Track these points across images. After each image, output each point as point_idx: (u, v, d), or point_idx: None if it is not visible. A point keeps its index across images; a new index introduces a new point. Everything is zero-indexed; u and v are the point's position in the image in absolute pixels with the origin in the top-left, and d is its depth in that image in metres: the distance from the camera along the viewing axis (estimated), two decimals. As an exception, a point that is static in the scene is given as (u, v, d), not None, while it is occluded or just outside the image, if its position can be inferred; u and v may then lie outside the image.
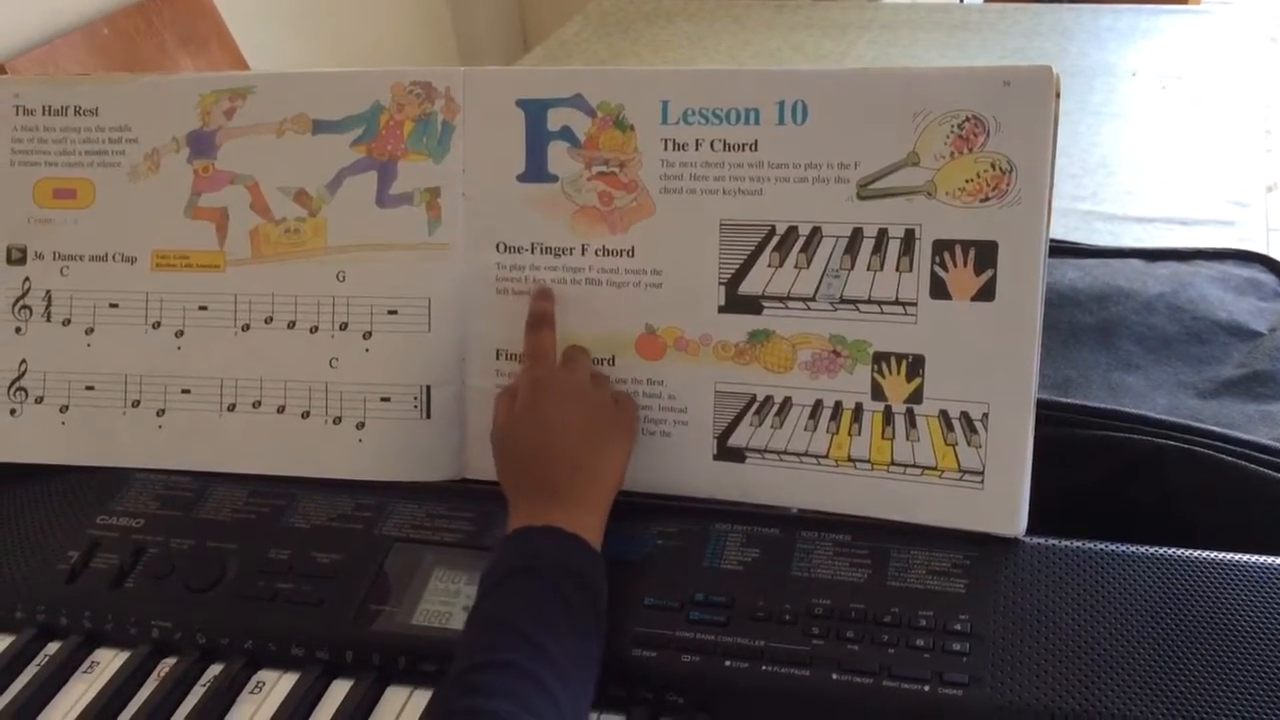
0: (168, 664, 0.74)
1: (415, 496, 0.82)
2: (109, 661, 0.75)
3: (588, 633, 0.65)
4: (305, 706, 0.70)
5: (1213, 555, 0.70)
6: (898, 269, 0.75)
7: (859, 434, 0.76)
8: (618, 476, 0.75)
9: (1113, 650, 0.66)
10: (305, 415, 0.85)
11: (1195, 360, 0.98)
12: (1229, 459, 0.79)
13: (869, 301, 0.76)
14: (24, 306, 0.89)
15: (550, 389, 0.77)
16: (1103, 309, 1.04)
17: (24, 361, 0.88)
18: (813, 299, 0.77)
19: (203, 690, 0.72)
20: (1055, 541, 0.72)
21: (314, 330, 0.85)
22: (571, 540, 0.68)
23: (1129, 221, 1.39)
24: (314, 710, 0.71)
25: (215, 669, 0.74)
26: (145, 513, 0.82)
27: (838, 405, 0.77)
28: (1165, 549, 0.71)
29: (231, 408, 0.86)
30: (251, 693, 0.72)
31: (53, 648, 0.76)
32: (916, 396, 0.75)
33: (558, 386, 0.77)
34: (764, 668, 0.68)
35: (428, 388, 0.84)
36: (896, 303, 0.75)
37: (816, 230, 0.77)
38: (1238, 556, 0.70)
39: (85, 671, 0.74)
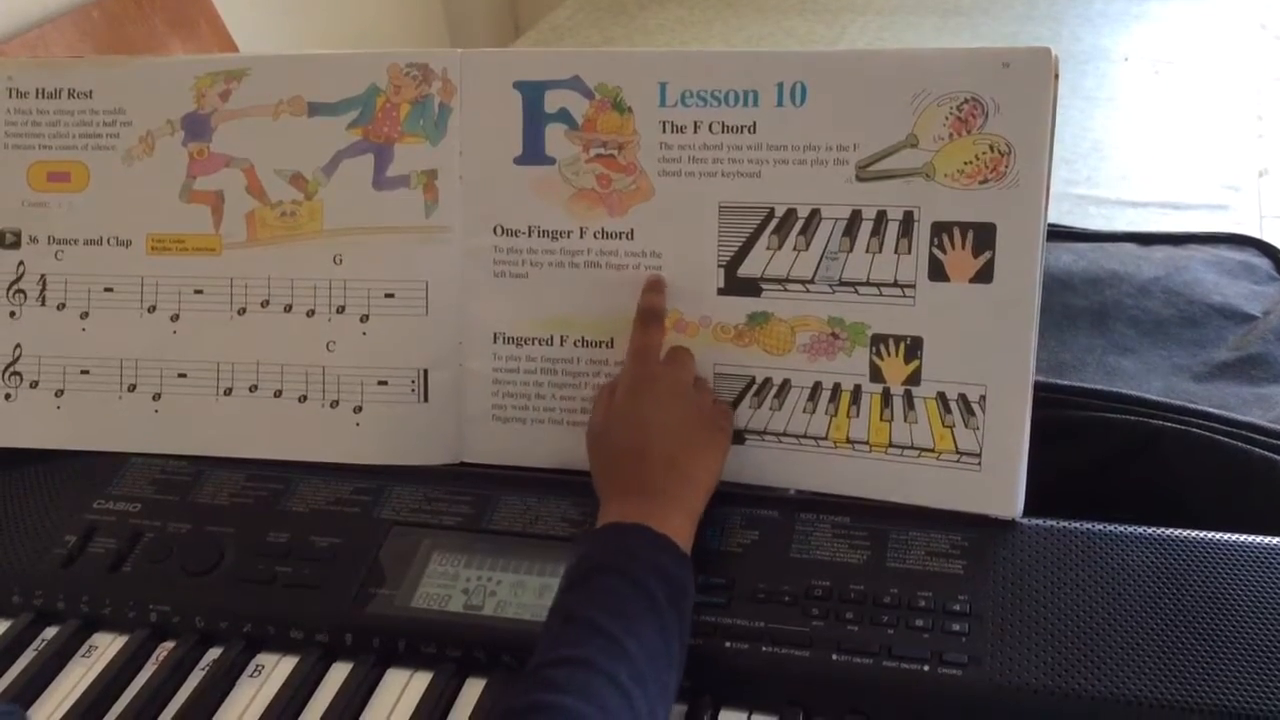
0: (166, 648, 0.74)
1: (413, 480, 0.82)
2: (107, 645, 0.75)
3: (670, 634, 0.63)
4: (305, 689, 0.70)
5: (1209, 535, 0.71)
6: (896, 251, 0.75)
7: (857, 416, 0.76)
8: (712, 480, 0.73)
9: (1111, 630, 0.66)
10: (302, 399, 0.85)
11: (1189, 343, 0.99)
12: (1225, 440, 0.79)
13: (867, 283, 0.76)
14: (18, 290, 0.88)
15: (652, 387, 0.75)
16: (1097, 293, 1.05)
17: (18, 346, 0.88)
18: (811, 281, 0.77)
19: (202, 674, 0.72)
20: (1053, 522, 0.73)
21: (311, 314, 0.85)
22: (661, 540, 0.67)
23: (1123, 206, 1.40)
24: (314, 693, 0.71)
25: (214, 652, 0.74)
26: (142, 497, 0.82)
27: (836, 387, 0.77)
28: (1162, 530, 0.71)
29: (228, 392, 0.85)
30: (251, 676, 0.72)
31: (50, 632, 0.76)
32: (914, 378, 0.75)
33: (660, 385, 0.75)
34: (764, 649, 0.68)
35: (425, 371, 0.84)
36: (895, 285, 0.75)
37: (815, 212, 0.77)
38: (1234, 537, 0.71)
39: (84, 655, 0.74)
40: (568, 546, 0.73)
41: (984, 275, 0.73)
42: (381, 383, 0.84)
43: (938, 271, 0.74)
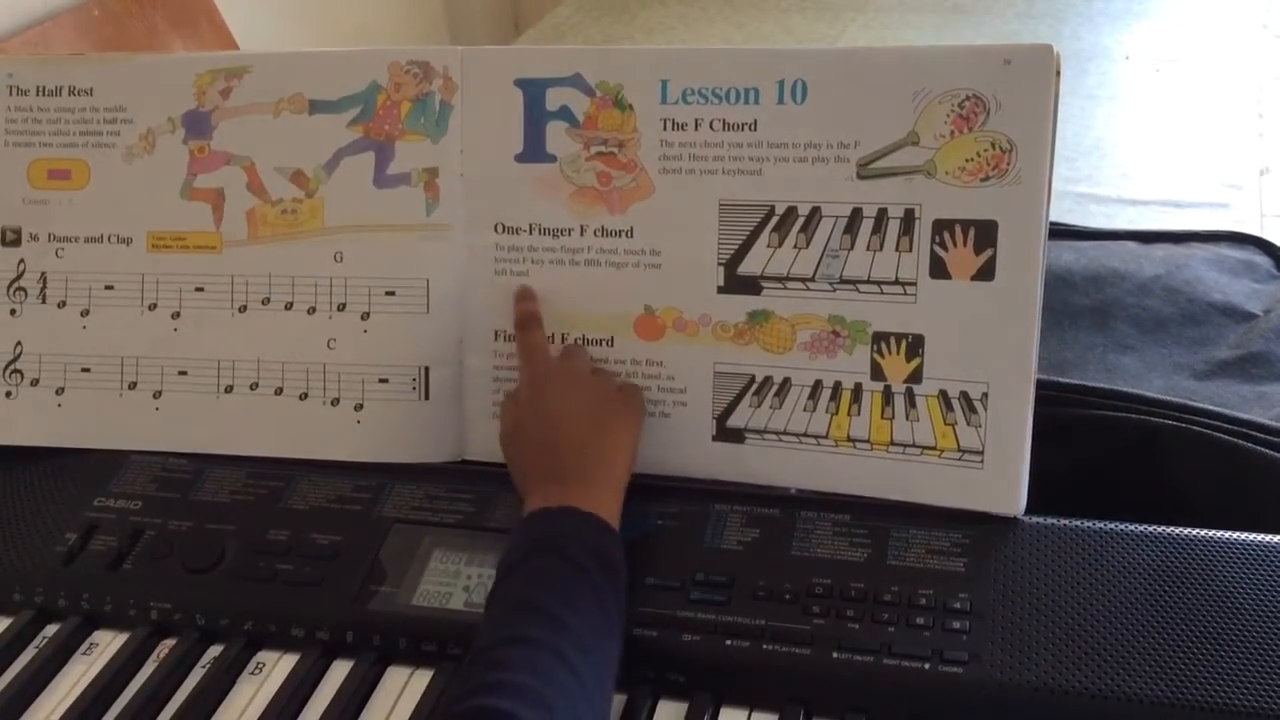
0: (167, 645, 0.74)
1: (414, 478, 0.82)
2: (108, 643, 0.75)
3: (607, 604, 0.65)
4: (306, 687, 0.70)
5: (1210, 533, 0.71)
6: (897, 249, 0.75)
7: (858, 414, 0.76)
8: (628, 455, 0.75)
9: (1112, 628, 0.66)
10: (303, 397, 0.85)
11: (1190, 342, 0.99)
12: (1226, 438, 0.79)
13: (868, 281, 0.76)
14: (19, 288, 0.88)
15: (549, 380, 0.77)
16: (1098, 291, 1.05)
17: (19, 344, 0.88)
18: (812, 279, 0.77)
19: (203, 671, 0.72)
20: (1054, 520, 0.73)
21: (311, 311, 0.85)
22: (586, 516, 0.68)
23: (1123, 204, 1.40)
24: (315, 690, 0.71)
25: (215, 650, 0.73)
26: (143, 494, 0.82)
27: (837, 385, 0.77)
28: (1163, 528, 0.71)
29: (229, 389, 0.85)
30: (252, 673, 0.72)
31: (51, 629, 0.76)
32: (916, 376, 0.75)
33: (556, 377, 0.77)
34: (765, 646, 0.68)
35: (426, 369, 0.83)
36: (896, 283, 0.75)
37: (816, 210, 0.76)
38: (1235, 535, 0.71)
39: (84, 653, 0.74)
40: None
41: (986, 273, 0.73)
42: (382, 380, 0.84)
43: (939, 269, 0.74)
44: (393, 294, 0.84)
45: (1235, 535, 0.71)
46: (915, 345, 0.75)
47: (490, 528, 0.78)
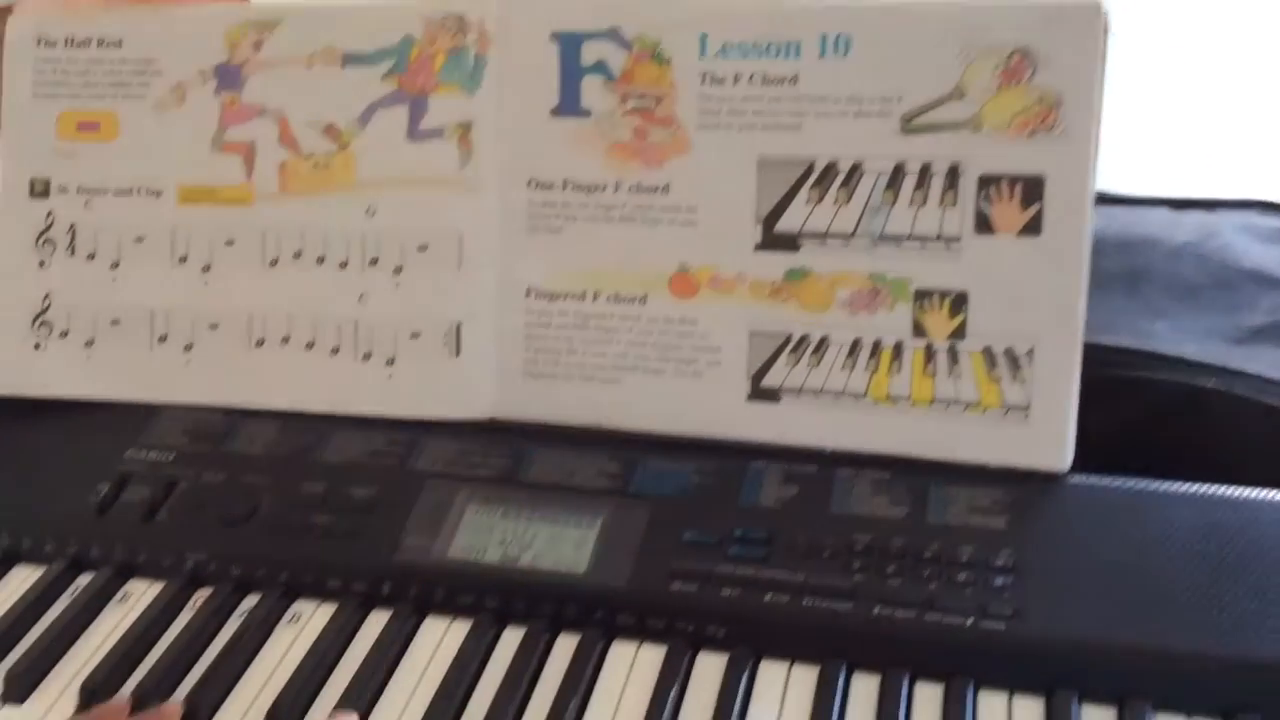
0: (203, 595, 0.74)
1: (446, 433, 0.81)
2: (142, 592, 0.74)
3: None
4: (344, 637, 0.70)
5: (1253, 492, 0.70)
6: (941, 204, 0.74)
7: (899, 372, 0.76)
8: None
9: (1155, 585, 0.66)
10: (335, 351, 0.84)
11: (1224, 308, 0.98)
12: (1269, 401, 0.79)
13: (911, 237, 0.75)
14: (47, 240, 0.87)
15: None
16: (1129, 257, 1.04)
17: (48, 296, 0.87)
18: (852, 236, 0.76)
19: (239, 620, 0.72)
20: (1097, 478, 0.72)
21: (343, 266, 0.84)
22: None
23: (1155, 171, 1.38)
24: (352, 640, 0.70)
25: (251, 600, 0.73)
26: (175, 446, 0.82)
27: (877, 343, 0.76)
28: (1206, 486, 0.71)
29: (260, 343, 0.85)
30: (289, 623, 0.72)
31: (84, 579, 0.75)
32: (959, 333, 0.75)
33: None
34: (805, 601, 0.68)
35: (458, 325, 0.83)
36: (939, 238, 0.75)
37: (857, 166, 0.76)
38: (1277, 494, 0.70)
39: (119, 602, 0.74)
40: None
41: (1032, 228, 0.73)
42: (414, 336, 0.83)
43: (984, 224, 0.74)
44: (425, 249, 0.83)
45: (1278, 494, 0.70)
46: (959, 301, 0.75)
47: (526, 483, 0.77)
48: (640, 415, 0.80)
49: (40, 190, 0.88)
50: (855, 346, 0.77)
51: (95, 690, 0.67)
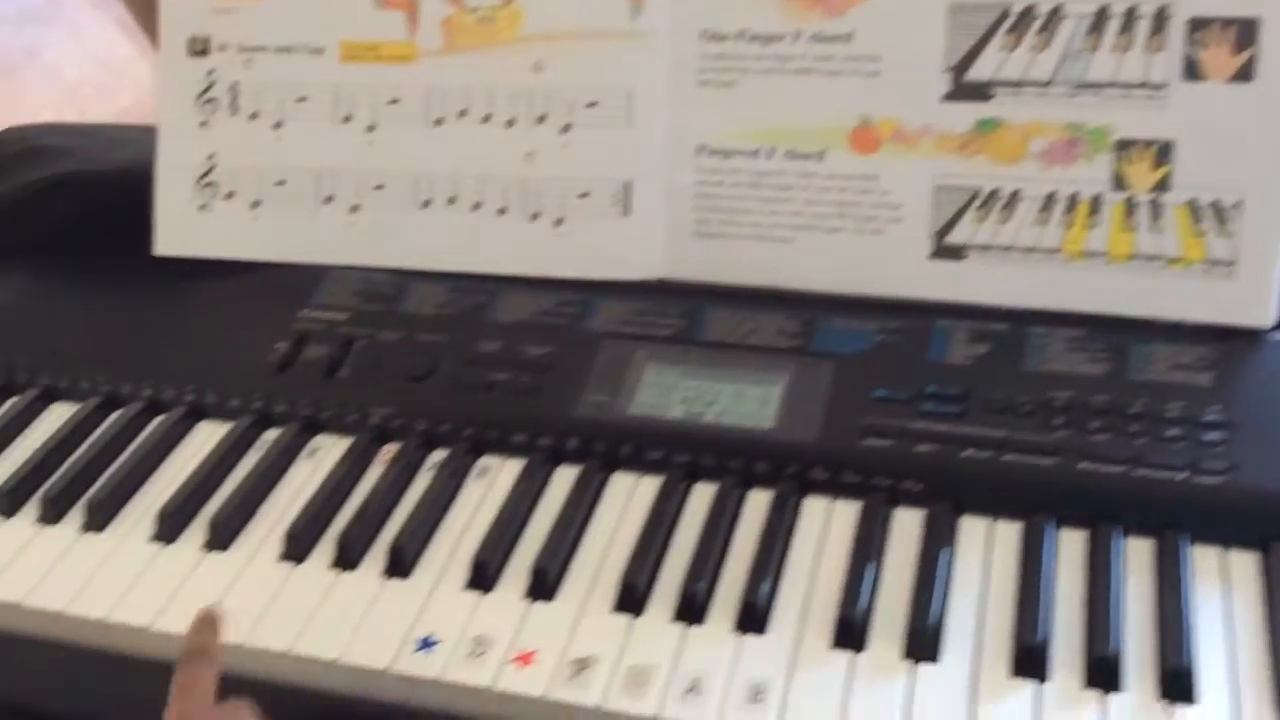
0: (389, 449, 0.74)
1: (617, 294, 0.80)
2: (330, 447, 0.75)
3: None
4: (534, 490, 0.70)
5: None
6: (1147, 49, 0.71)
7: (1096, 226, 0.73)
8: None
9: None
10: (502, 212, 0.83)
11: None
12: None
13: (1113, 85, 0.72)
14: (209, 100, 0.87)
15: None
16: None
17: (212, 156, 0.87)
18: (1049, 83, 0.73)
19: (429, 475, 0.72)
20: (1305, 334, 0.70)
21: (510, 124, 0.82)
22: None
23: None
24: (542, 493, 0.71)
25: (437, 455, 0.74)
26: (347, 306, 0.82)
27: (1073, 197, 0.74)
28: None
29: (426, 204, 0.84)
30: (478, 477, 0.72)
31: (270, 434, 0.76)
32: (1163, 185, 0.72)
33: None
34: (1006, 457, 0.67)
35: (628, 183, 0.81)
36: (1144, 85, 0.71)
37: (1056, 9, 0.72)
38: None
39: (307, 456, 0.75)
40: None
41: (1244, 74, 0.69)
42: (583, 195, 0.82)
43: (1193, 70, 0.70)
44: (594, 105, 0.81)
45: None
46: (1164, 151, 0.71)
47: (703, 342, 0.76)
48: (816, 275, 0.79)
49: (199, 49, 0.87)
50: (1049, 200, 0.74)
51: (300, 538, 0.68)
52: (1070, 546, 0.64)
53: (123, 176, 0.88)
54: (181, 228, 0.87)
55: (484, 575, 0.65)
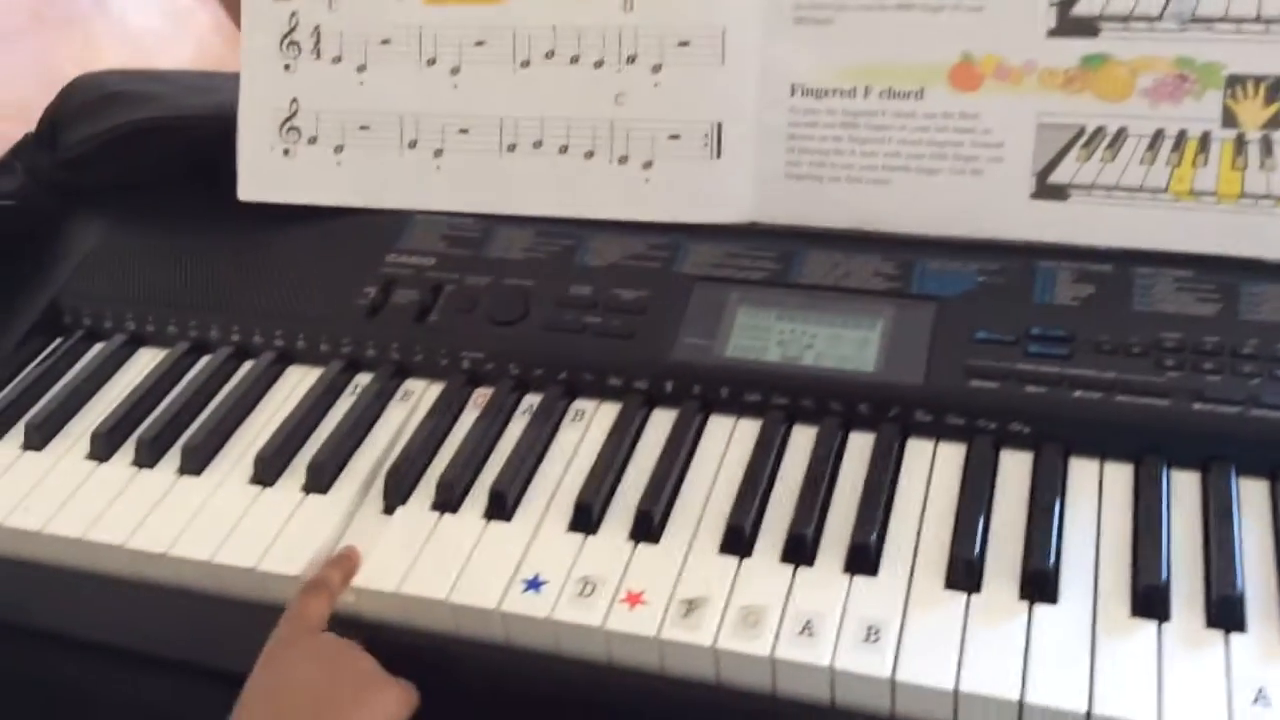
0: (483, 394, 0.74)
1: (708, 237, 0.79)
2: (423, 390, 0.75)
3: None
4: (633, 431, 0.70)
5: None
6: (1264, -19, 0.69)
7: (1205, 165, 0.71)
8: None
9: None
10: (589, 155, 0.82)
11: None
12: None
13: (1225, 19, 0.70)
14: (292, 43, 0.86)
15: (296, 646, 0.61)
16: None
17: (295, 100, 0.86)
18: (1159, 19, 0.71)
19: (523, 418, 0.72)
20: None
21: (599, 65, 0.81)
22: None
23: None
24: (640, 435, 0.70)
25: (531, 399, 0.73)
26: (434, 251, 0.81)
27: (1181, 134, 0.72)
28: None
29: (512, 148, 0.83)
30: (573, 420, 0.72)
31: (362, 379, 0.76)
32: (1274, 122, 0.70)
33: (306, 647, 0.61)
34: (1117, 398, 0.65)
35: (719, 125, 0.80)
36: (1258, 20, 0.69)
37: (1168, -59, 0.70)
38: None
39: (400, 400, 0.74)
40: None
41: (1364, 6, 0.67)
42: (673, 137, 0.81)
43: (1310, 3, 0.68)
44: (686, 44, 0.80)
45: None
46: (1275, 88, 0.69)
47: (797, 284, 0.75)
48: (912, 218, 0.77)
49: None
50: (1156, 138, 0.72)
51: (400, 480, 0.68)
52: (1183, 487, 0.63)
53: (208, 122, 0.87)
54: (265, 173, 0.86)
55: (587, 518, 0.65)
